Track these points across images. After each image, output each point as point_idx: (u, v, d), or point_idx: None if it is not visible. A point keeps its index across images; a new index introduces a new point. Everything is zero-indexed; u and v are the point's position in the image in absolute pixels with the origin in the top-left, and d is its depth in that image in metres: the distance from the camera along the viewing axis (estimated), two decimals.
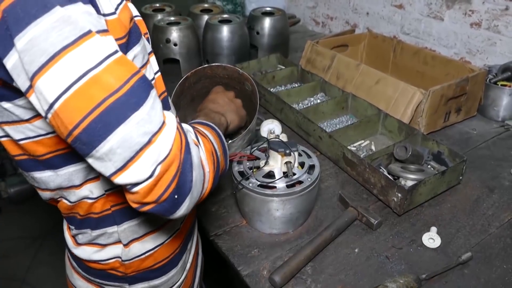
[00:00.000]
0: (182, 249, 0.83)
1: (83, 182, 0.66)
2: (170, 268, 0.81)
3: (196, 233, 0.94)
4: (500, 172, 1.14)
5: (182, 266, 0.84)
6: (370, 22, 2.03)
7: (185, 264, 0.86)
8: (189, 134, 0.58)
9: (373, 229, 0.94)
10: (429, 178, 0.98)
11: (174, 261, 0.81)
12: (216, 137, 0.69)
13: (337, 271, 0.85)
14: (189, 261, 0.88)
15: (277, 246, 0.91)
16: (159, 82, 0.70)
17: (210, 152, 0.61)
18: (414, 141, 1.17)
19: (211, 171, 0.60)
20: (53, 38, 0.44)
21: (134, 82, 0.49)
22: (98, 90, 0.46)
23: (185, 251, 0.85)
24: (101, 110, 0.46)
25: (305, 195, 0.88)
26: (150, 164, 0.49)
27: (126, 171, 0.49)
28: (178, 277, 0.83)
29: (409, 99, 1.25)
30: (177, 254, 0.81)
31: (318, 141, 1.21)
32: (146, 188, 0.50)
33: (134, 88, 0.49)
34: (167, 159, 0.50)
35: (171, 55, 1.67)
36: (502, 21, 1.51)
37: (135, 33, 0.62)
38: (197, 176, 0.55)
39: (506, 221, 0.98)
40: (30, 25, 0.44)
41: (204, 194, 0.60)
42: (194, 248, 0.91)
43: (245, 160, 0.92)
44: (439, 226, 0.95)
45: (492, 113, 1.39)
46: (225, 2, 2.16)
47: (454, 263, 0.85)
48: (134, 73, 0.50)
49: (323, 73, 1.53)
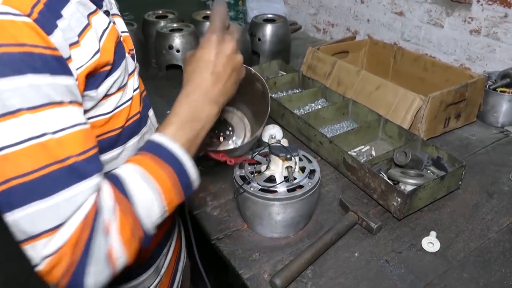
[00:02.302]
0: (156, 253, 0.82)
1: None
2: (141, 272, 0.79)
3: (177, 238, 0.93)
4: (499, 178, 1.15)
5: (155, 271, 0.82)
6: (371, 29, 2.05)
7: (159, 269, 0.84)
8: (101, 218, 0.51)
9: (373, 233, 0.95)
10: (429, 183, 0.99)
11: (146, 266, 0.79)
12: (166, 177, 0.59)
13: (337, 274, 0.86)
14: (164, 266, 0.86)
15: (278, 249, 0.92)
16: (135, 100, 0.70)
17: (130, 230, 0.54)
18: (414, 147, 1.18)
19: (129, 252, 0.54)
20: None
21: (52, 171, 0.48)
22: (8, 168, 0.47)
23: (160, 256, 0.83)
24: (5, 188, 0.47)
25: (305, 199, 0.90)
26: (35, 255, 0.49)
27: (23, 247, 0.50)
28: (150, 281, 0.82)
29: (409, 105, 1.27)
30: (149, 259, 0.79)
31: (319, 146, 1.22)
32: (40, 272, 0.50)
33: (47, 177, 0.48)
34: (53, 257, 0.49)
35: (173, 61, 1.69)
36: (501, 28, 1.52)
37: (118, 54, 0.64)
38: (98, 272, 0.52)
39: (505, 226, 0.99)
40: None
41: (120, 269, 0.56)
42: (173, 253, 0.90)
43: (246, 164, 0.93)
44: (439, 231, 0.96)
45: (492, 119, 1.40)
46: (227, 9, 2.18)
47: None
48: (56, 162, 0.49)
49: (324, 79, 1.55)
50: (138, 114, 0.72)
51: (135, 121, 0.71)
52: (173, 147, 0.61)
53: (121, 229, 0.53)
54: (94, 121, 0.63)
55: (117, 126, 0.67)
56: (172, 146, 0.61)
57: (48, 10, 0.51)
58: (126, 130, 0.69)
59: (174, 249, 0.91)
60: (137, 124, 0.72)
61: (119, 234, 0.53)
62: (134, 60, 0.74)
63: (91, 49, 0.57)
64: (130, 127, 0.70)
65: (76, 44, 0.55)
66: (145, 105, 0.79)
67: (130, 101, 0.69)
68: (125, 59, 0.67)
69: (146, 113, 0.78)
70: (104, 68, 0.60)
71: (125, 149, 0.71)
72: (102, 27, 0.61)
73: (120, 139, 0.69)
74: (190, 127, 0.64)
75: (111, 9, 0.74)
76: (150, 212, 0.57)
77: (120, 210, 0.54)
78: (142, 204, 0.56)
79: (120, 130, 0.68)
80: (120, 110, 0.67)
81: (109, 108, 0.64)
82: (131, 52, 0.74)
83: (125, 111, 0.68)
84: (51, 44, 0.50)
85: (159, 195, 0.58)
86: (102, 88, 0.61)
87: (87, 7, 0.60)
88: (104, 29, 0.62)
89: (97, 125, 0.63)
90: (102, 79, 0.60)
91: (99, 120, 0.63)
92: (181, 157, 0.61)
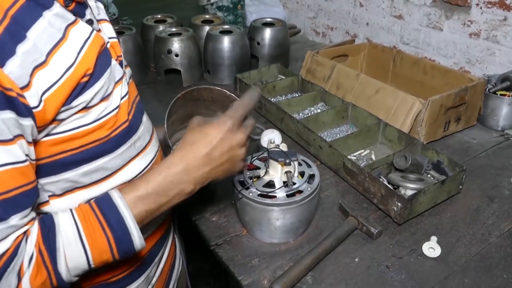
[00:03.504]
0: (147, 262, 0.80)
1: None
2: (131, 281, 0.78)
3: (172, 245, 0.92)
4: (500, 181, 1.14)
5: (146, 279, 0.81)
6: (370, 32, 2.05)
7: (151, 277, 0.83)
8: (17, 261, 0.54)
9: (373, 239, 0.95)
10: (429, 188, 0.98)
11: (135, 275, 0.78)
12: (101, 235, 0.60)
13: (337, 280, 0.85)
14: (156, 274, 0.85)
15: (277, 255, 0.92)
16: (123, 108, 0.69)
17: (41, 282, 0.56)
18: (414, 151, 1.17)
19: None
20: None
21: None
22: None
23: (151, 264, 0.82)
24: None
25: (305, 205, 0.89)
26: None
27: None
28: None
29: (408, 109, 1.26)
30: (138, 267, 0.78)
31: (318, 151, 1.22)
32: None
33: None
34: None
35: (172, 66, 1.69)
36: (500, 31, 1.52)
37: (102, 64, 0.63)
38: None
39: (506, 231, 0.98)
40: None
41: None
42: (166, 260, 0.88)
43: (245, 170, 0.93)
44: (439, 236, 0.95)
45: (492, 123, 1.39)
46: (226, 13, 2.18)
47: None
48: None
49: (323, 83, 1.54)
50: (126, 123, 0.69)
51: (123, 130, 0.69)
52: (125, 214, 0.61)
53: (31, 279, 0.55)
54: (75, 133, 0.61)
55: (101, 136, 0.65)
56: (126, 214, 0.61)
57: (9, 34, 0.51)
58: (113, 140, 0.67)
59: (168, 257, 0.90)
60: (125, 133, 0.69)
61: (29, 282, 0.54)
62: (122, 67, 0.72)
63: (63, 65, 0.57)
64: (118, 137, 0.68)
65: (43, 65, 0.54)
66: (138, 110, 0.76)
67: (117, 110, 0.67)
68: (110, 67, 0.66)
69: (138, 120, 0.75)
70: (81, 80, 0.59)
71: (114, 158, 0.69)
72: (83, 38, 0.61)
73: (107, 148, 0.67)
74: (155, 200, 0.65)
75: (99, 14, 0.73)
76: (72, 267, 0.58)
77: (36, 263, 0.55)
78: (64, 261, 0.57)
79: (106, 139, 0.66)
80: (104, 121, 0.65)
81: (90, 119, 0.63)
82: (119, 58, 0.72)
83: (110, 121, 0.66)
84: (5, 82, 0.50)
85: (87, 256, 0.59)
86: (78, 102, 0.60)
87: (65, 19, 0.59)
88: (85, 39, 0.61)
89: (78, 136, 0.62)
90: (78, 92, 0.59)
91: (79, 131, 0.62)
92: (131, 226, 0.62)
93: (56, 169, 0.63)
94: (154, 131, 0.83)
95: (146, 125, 0.78)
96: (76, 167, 0.64)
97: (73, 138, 0.62)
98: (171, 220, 0.93)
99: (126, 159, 0.71)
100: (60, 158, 0.62)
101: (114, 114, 0.66)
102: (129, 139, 0.71)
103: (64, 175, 0.64)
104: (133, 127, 0.72)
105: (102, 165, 0.67)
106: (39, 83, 0.54)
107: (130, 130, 0.71)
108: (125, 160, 0.71)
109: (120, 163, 0.70)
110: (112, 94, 0.66)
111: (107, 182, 0.69)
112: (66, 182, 0.64)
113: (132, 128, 0.72)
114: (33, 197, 0.57)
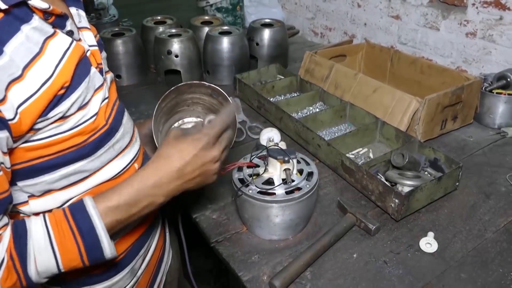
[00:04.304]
0: (130, 254, 0.82)
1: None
2: (115, 273, 0.79)
3: (160, 239, 0.93)
4: (496, 178, 1.16)
5: (130, 272, 0.83)
6: (368, 33, 2.07)
7: (135, 270, 0.84)
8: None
9: (371, 235, 0.96)
10: (426, 184, 1.00)
11: (119, 267, 0.80)
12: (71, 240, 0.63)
13: (336, 276, 0.87)
14: (142, 267, 0.86)
15: (277, 252, 0.93)
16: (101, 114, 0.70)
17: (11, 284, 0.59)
18: (411, 149, 1.19)
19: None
20: None
21: None
22: None
23: (136, 257, 0.83)
24: None
25: (304, 201, 0.90)
26: None
27: None
28: (125, 282, 0.82)
29: (405, 107, 1.28)
30: (122, 259, 0.80)
31: (317, 149, 1.23)
32: None
33: None
34: None
35: (172, 66, 1.70)
36: (496, 31, 1.54)
37: (80, 74, 0.64)
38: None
39: (502, 226, 0.99)
40: None
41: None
42: (153, 253, 0.90)
43: (245, 167, 0.94)
44: (436, 231, 0.97)
45: (488, 121, 1.41)
46: (225, 14, 2.20)
47: None
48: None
49: (322, 83, 1.56)
50: (105, 127, 0.70)
51: (101, 134, 0.70)
52: (97, 223, 0.64)
53: (1, 281, 0.58)
54: (51, 140, 0.63)
55: (78, 142, 0.66)
56: (97, 222, 0.64)
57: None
58: (90, 145, 0.68)
59: (155, 250, 0.91)
60: (103, 137, 0.71)
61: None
62: (102, 74, 0.73)
63: (39, 79, 0.58)
64: (95, 141, 0.69)
65: (19, 79, 0.56)
66: (118, 112, 0.77)
67: (95, 117, 0.68)
68: (89, 76, 0.67)
69: (119, 122, 0.76)
70: (58, 92, 0.60)
71: (92, 161, 0.70)
72: (62, 50, 0.62)
73: (84, 153, 0.68)
74: (126, 210, 0.67)
75: (80, 22, 0.73)
76: (42, 271, 0.61)
77: (7, 267, 0.58)
78: (34, 266, 0.60)
79: (83, 144, 0.67)
80: (82, 128, 0.66)
81: (67, 127, 0.64)
82: (100, 66, 0.73)
83: (88, 127, 0.67)
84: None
85: (57, 261, 0.62)
86: (54, 113, 0.61)
87: (43, 32, 0.60)
88: (64, 51, 0.62)
89: (54, 143, 0.63)
90: (54, 104, 0.60)
91: (56, 139, 0.63)
92: (101, 235, 0.64)
93: (34, 173, 0.65)
94: (135, 131, 0.84)
95: (126, 126, 0.79)
96: (53, 170, 0.66)
97: (50, 144, 0.63)
98: (158, 214, 0.94)
99: (105, 162, 0.72)
100: (37, 163, 0.64)
101: (91, 121, 0.67)
102: (108, 142, 0.72)
103: (42, 178, 0.66)
104: (112, 130, 0.73)
105: (80, 168, 0.68)
106: (14, 96, 0.55)
107: (109, 133, 0.72)
108: (103, 163, 0.72)
109: (98, 165, 0.71)
110: (90, 102, 0.67)
111: (85, 183, 0.71)
112: (44, 184, 0.66)
113: (112, 131, 0.73)
114: (5, 205, 0.59)
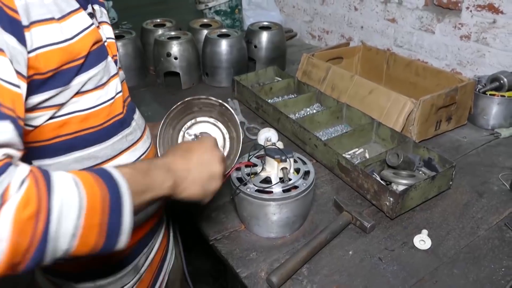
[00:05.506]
0: (135, 252, 0.84)
1: None
2: (119, 269, 0.81)
3: (164, 238, 0.95)
4: (489, 178, 1.18)
5: (134, 269, 0.84)
6: (364, 36, 2.10)
7: (139, 267, 0.86)
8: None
9: (367, 232, 0.98)
10: (420, 183, 1.02)
11: (123, 264, 0.81)
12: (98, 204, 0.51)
13: (332, 272, 0.89)
14: (145, 264, 0.88)
15: (274, 249, 0.95)
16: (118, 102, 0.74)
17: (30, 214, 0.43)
18: (406, 149, 1.21)
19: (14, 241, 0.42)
20: None
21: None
22: None
23: (140, 254, 0.85)
24: None
25: (300, 200, 0.93)
26: None
27: None
28: (129, 278, 0.84)
29: (400, 109, 1.30)
30: (127, 257, 0.81)
31: (314, 149, 1.25)
32: None
33: None
34: None
35: (171, 68, 1.73)
36: (490, 34, 1.57)
37: (97, 55, 0.67)
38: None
39: (494, 224, 1.02)
40: None
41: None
42: (156, 252, 0.92)
43: (243, 167, 0.96)
44: (430, 229, 0.99)
45: (482, 122, 1.44)
46: (223, 17, 2.22)
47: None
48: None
49: (319, 85, 1.58)
50: (121, 115, 0.75)
51: (117, 120, 0.74)
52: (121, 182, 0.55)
53: (18, 208, 0.42)
54: (70, 117, 0.65)
55: (96, 124, 0.70)
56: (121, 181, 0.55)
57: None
58: (106, 129, 0.72)
59: (158, 249, 0.93)
60: (119, 124, 0.75)
61: (15, 211, 0.42)
62: (116, 65, 0.76)
63: (60, 34, 0.58)
64: (111, 127, 0.73)
65: (46, 21, 0.56)
66: (130, 109, 0.81)
67: (112, 101, 0.72)
68: (105, 60, 0.70)
69: (130, 116, 0.80)
70: (75, 63, 0.61)
71: (105, 148, 0.73)
72: (82, 26, 0.64)
73: (99, 137, 0.71)
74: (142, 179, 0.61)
75: (101, 17, 0.77)
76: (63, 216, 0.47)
77: (27, 190, 0.44)
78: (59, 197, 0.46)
79: (99, 127, 0.70)
80: (100, 109, 0.69)
81: (85, 105, 0.67)
82: (115, 57, 0.77)
83: (105, 110, 0.71)
84: (13, 5, 0.51)
85: (81, 208, 0.48)
86: (74, 82, 0.63)
87: (69, 4, 0.63)
88: (84, 28, 0.64)
89: (74, 121, 0.66)
90: (73, 73, 0.62)
91: (75, 116, 0.66)
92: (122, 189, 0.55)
93: (51, 153, 0.67)
94: (146, 128, 0.87)
95: (138, 122, 0.83)
96: (69, 152, 0.68)
97: (68, 122, 0.66)
98: (163, 214, 0.96)
99: (117, 151, 0.75)
100: (55, 142, 0.66)
101: (109, 104, 0.71)
102: (122, 131, 0.76)
103: (57, 159, 0.68)
104: (126, 120, 0.77)
105: (94, 153, 0.71)
106: (35, 35, 0.55)
107: (124, 123, 0.76)
108: (116, 151, 0.75)
109: (110, 153, 0.74)
110: (107, 84, 0.70)
111: None
112: (59, 166, 0.68)
113: (126, 121, 0.77)
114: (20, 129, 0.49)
